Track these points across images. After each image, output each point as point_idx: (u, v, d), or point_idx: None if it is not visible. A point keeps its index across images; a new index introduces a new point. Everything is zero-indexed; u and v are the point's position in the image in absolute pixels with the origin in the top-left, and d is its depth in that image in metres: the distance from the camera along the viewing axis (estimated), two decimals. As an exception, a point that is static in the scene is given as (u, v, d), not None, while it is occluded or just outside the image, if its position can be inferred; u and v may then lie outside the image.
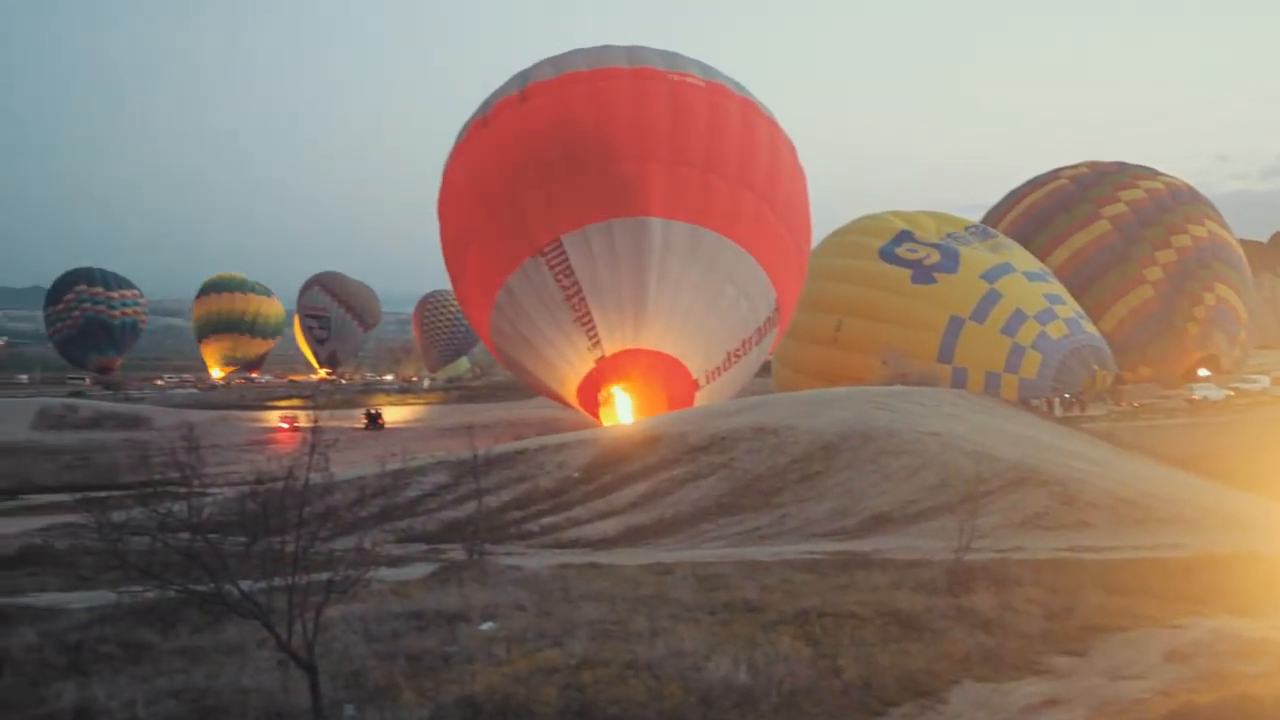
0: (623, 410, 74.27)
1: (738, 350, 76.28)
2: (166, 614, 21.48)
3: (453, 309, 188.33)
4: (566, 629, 20.36)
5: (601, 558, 34.19)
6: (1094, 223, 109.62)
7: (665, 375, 74.41)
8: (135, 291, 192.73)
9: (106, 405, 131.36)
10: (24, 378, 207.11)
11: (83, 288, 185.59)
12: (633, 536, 42.02)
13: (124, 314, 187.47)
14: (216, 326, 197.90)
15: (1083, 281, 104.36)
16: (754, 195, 75.03)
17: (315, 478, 17.44)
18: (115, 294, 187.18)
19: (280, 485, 17.56)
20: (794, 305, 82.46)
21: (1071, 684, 17.48)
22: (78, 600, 26.30)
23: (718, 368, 75.58)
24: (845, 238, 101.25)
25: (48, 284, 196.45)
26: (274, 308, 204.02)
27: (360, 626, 20.94)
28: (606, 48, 79.56)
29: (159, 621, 21.55)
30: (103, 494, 50.38)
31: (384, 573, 27.23)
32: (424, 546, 41.18)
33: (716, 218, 73.70)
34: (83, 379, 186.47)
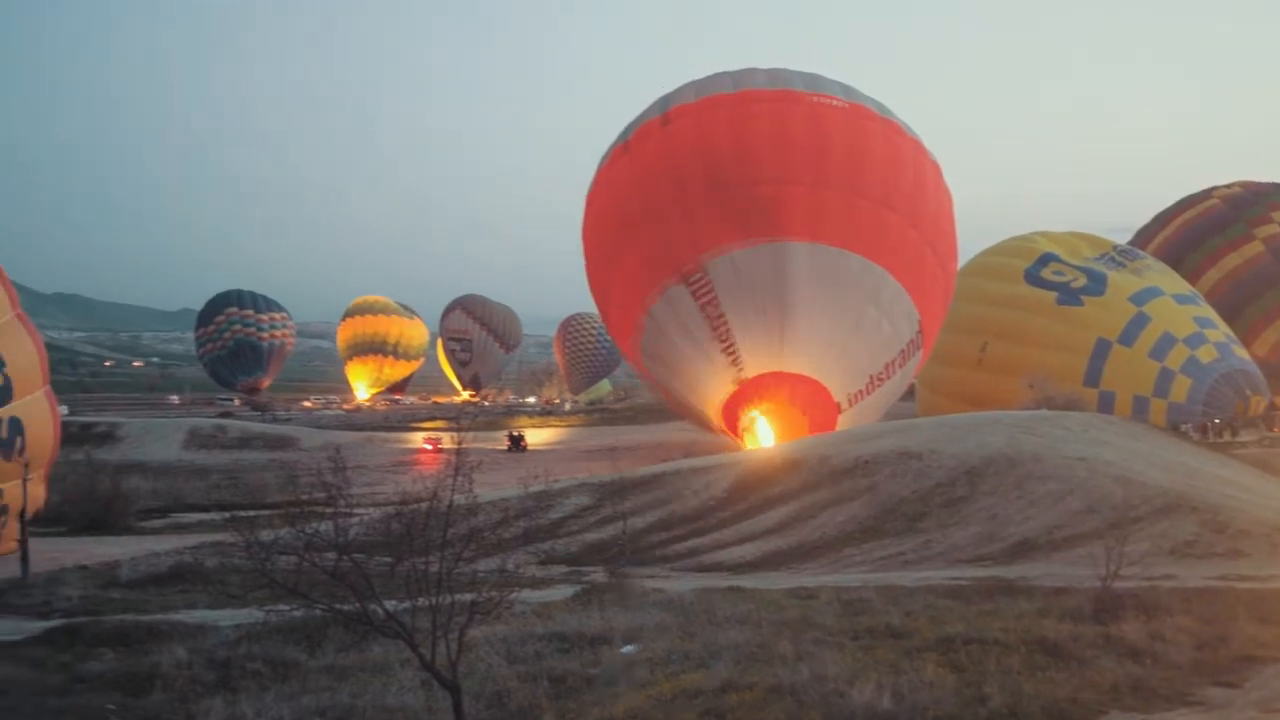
0: (764, 433, 73.99)
1: (880, 373, 75.62)
2: (313, 633, 21.76)
3: (594, 332, 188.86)
4: (710, 652, 20.28)
5: (744, 581, 34.06)
6: (1247, 244, 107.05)
7: (807, 398, 74.01)
8: (284, 314, 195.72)
9: (255, 426, 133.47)
10: (175, 398, 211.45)
11: (233, 310, 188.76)
12: (775, 560, 41.80)
13: (272, 336, 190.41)
14: (361, 349, 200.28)
15: (1235, 304, 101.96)
16: (897, 216, 74.42)
17: (459, 499, 17.54)
18: (265, 316, 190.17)
19: (425, 506, 17.71)
20: (939, 328, 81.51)
21: (1225, 716, 17.05)
22: (226, 618, 26.75)
23: (860, 391, 74.98)
24: (990, 259, 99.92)
25: (198, 306, 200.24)
26: (417, 330, 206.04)
27: (503, 647, 21.03)
28: (749, 70, 79.47)
29: (306, 640, 21.83)
30: (251, 513, 51.19)
31: (526, 594, 27.34)
32: (566, 568, 41.33)
33: (859, 240, 73.21)
34: (232, 400, 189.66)
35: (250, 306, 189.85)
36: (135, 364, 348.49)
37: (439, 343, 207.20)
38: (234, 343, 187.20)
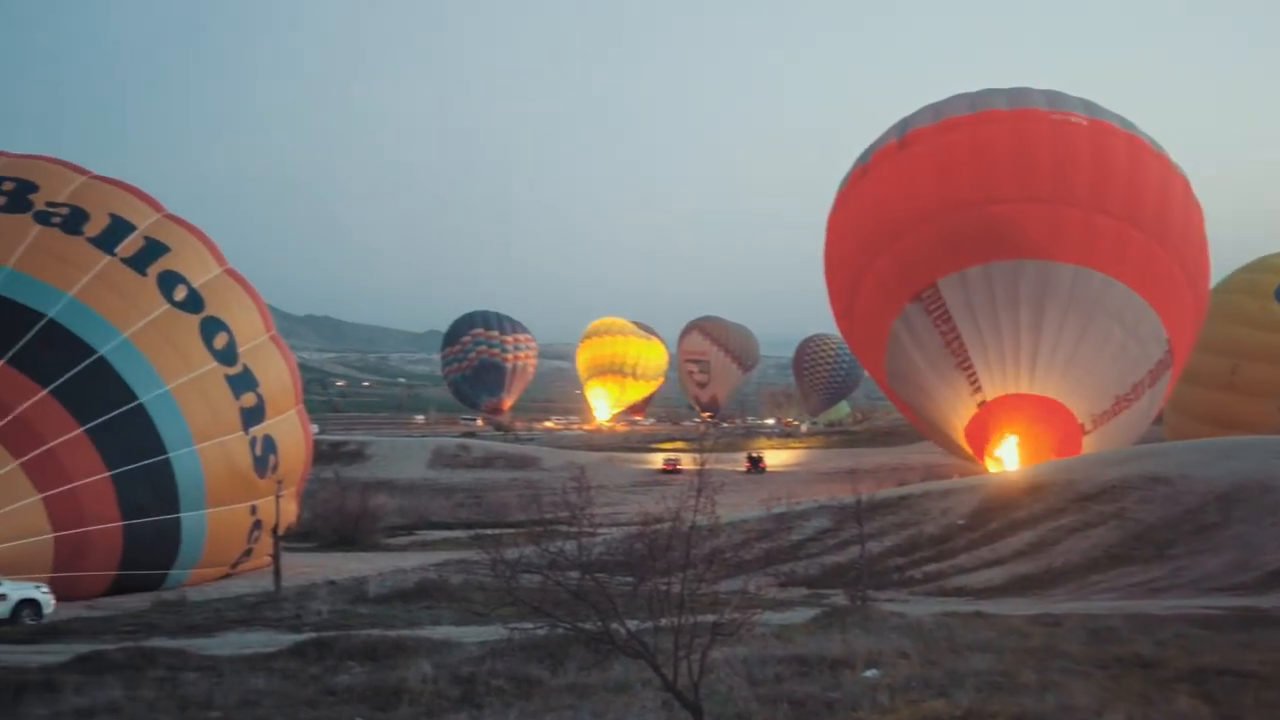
0: (1008, 456, 72.65)
1: (1128, 394, 73.53)
2: (555, 651, 21.91)
3: (833, 353, 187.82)
4: (952, 679, 19.87)
5: (987, 607, 33.42)
6: None
7: (1049, 420, 72.46)
8: (528, 336, 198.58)
9: (498, 446, 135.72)
10: (420, 418, 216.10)
11: (479, 331, 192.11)
12: (1018, 586, 40.99)
13: (516, 358, 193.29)
14: (600, 370, 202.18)
15: None
16: (1143, 234, 72.34)
17: (701, 520, 17.49)
18: (509, 338, 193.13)
19: (667, 527, 17.70)
20: (1190, 347, 78.82)
21: None
22: (471, 634, 27.15)
23: (1105, 412, 73.04)
24: (1243, 276, 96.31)
25: (444, 328, 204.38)
26: (655, 351, 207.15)
27: (743, 669, 20.89)
28: (987, 91, 78.21)
29: (548, 658, 22.00)
30: (494, 531, 52.06)
31: (767, 616, 27.17)
32: (806, 591, 41.09)
33: (1102, 257, 71.41)
34: (475, 420, 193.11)
35: (495, 328, 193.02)
36: (364, 384, 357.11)
37: (678, 364, 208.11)
38: (478, 363, 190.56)
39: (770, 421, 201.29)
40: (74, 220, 48.10)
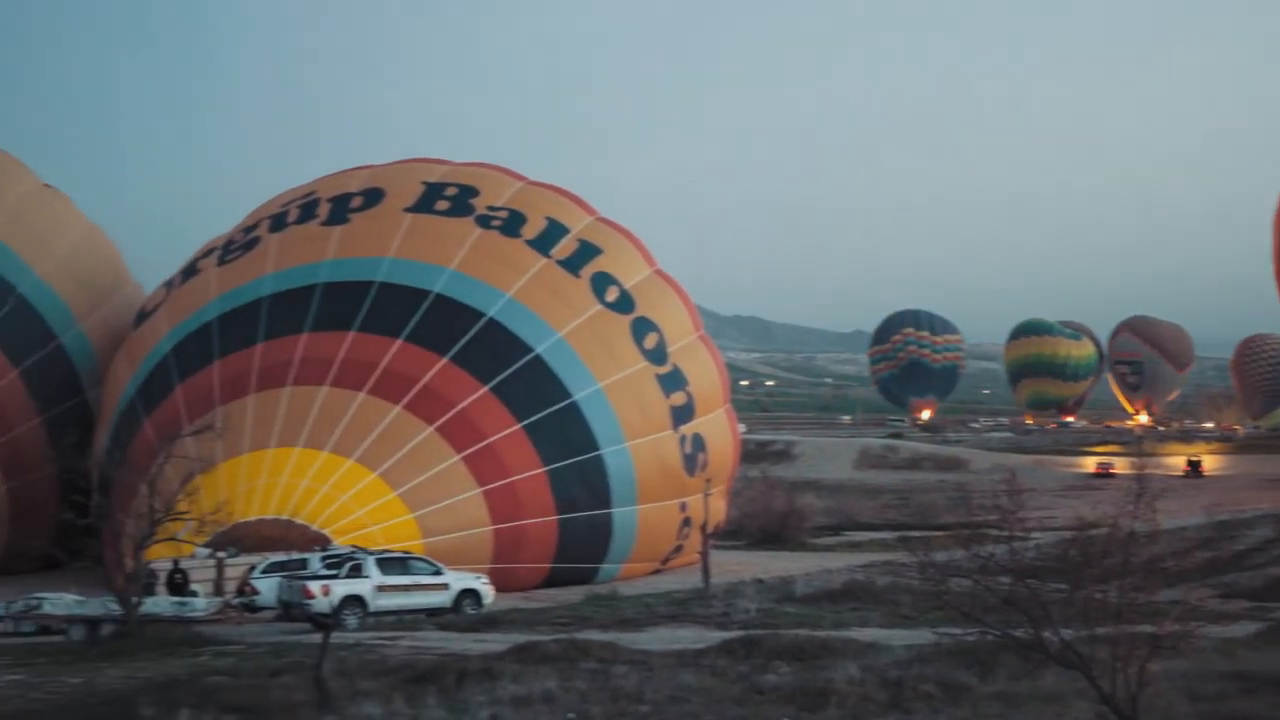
0: None
1: None
2: (985, 657, 21.38)
3: (1274, 353, 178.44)
4: None
5: None
6: None
7: None
8: (958, 336, 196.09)
9: (925, 447, 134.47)
10: (846, 419, 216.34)
11: (909, 330, 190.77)
12: None
13: (945, 358, 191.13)
14: (1028, 370, 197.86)
15: None
16: None
17: (1139, 526, 16.75)
18: (939, 338, 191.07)
19: (1103, 532, 17.01)
20: None
21: None
22: (898, 638, 26.81)
23: None
24: None
25: (870, 328, 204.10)
26: (1085, 351, 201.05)
27: (1183, 685, 19.91)
28: None
29: (977, 664, 21.48)
30: (922, 534, 51.40)
31: (1208, 629, 25.88)
32: (1248, 603, 39.01)
33: None
34: (902, 420, 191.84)
35: (926, 327, 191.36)
36: (768, 383, 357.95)
37: (1109, 364, 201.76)
38: (907, 363, 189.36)
39: (1209, 425, 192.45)
40: (513, 223, 50.01)
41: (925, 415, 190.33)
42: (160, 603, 35.03)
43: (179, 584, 36.87)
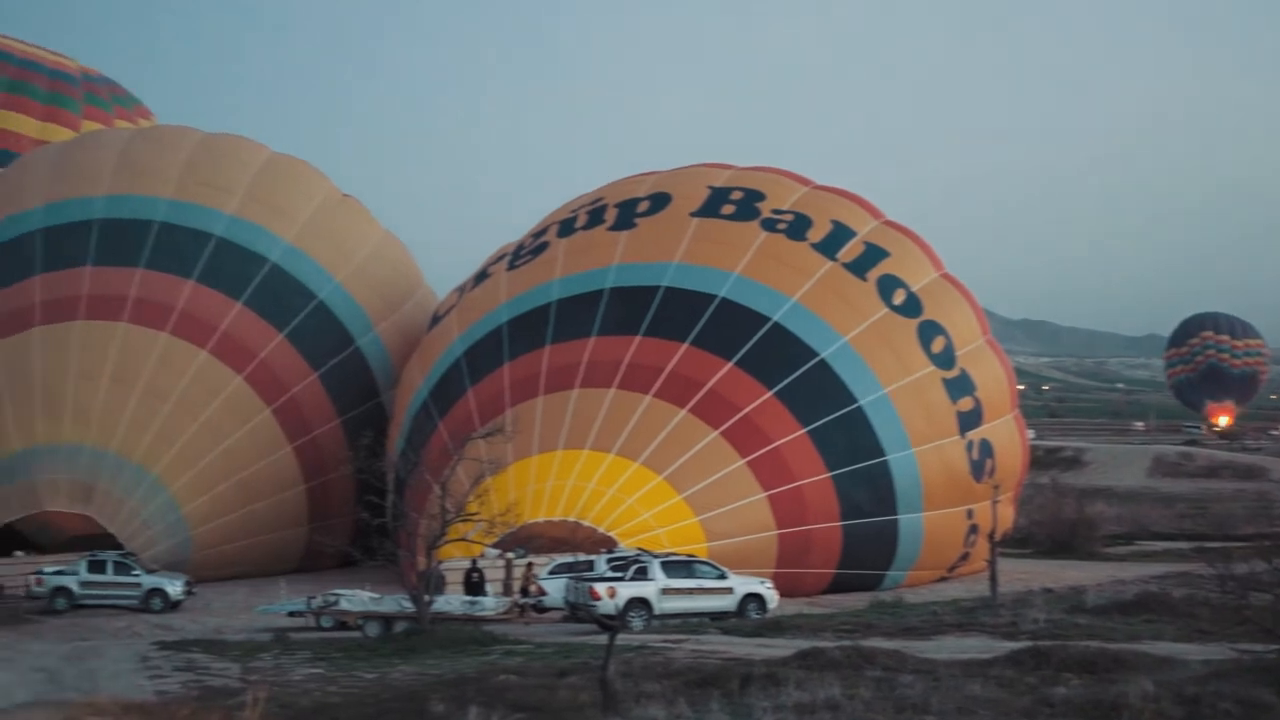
0: None
1: None
2: (1288, 675, 20.56)
3: None
4: None
5: None
6: None
7: None
8: (1259, 341, 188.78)
9: (1222, 454, 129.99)
10: (1139, 425, 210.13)
11: (1208, 334, 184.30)
12: None
13: (1245, 363, 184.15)
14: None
15: None
16: None
17: None
18: (1240, 342, 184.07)
19: None
20: None
21: None
22: (1194, 653, 25.93)
23: None
24: None
25: (1164, 331, 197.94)
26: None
27: None
28: None
29: (1278, 683, 20.67)
30: (1220, 545, 49.65)
31: None
32: None
33: None
34: (1198, 427, 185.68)
35: (1226, 331, 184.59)
36: (1044, 388, 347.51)
37: None
38: (1204, 367, 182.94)
39: None
40: (798, 227, 50.06)
41: (1223, 421, 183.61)
42: (451, 601, 36.08)
43: (475, 583, 37.92)
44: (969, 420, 48.37)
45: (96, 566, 43.78)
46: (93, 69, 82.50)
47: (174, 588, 43.92)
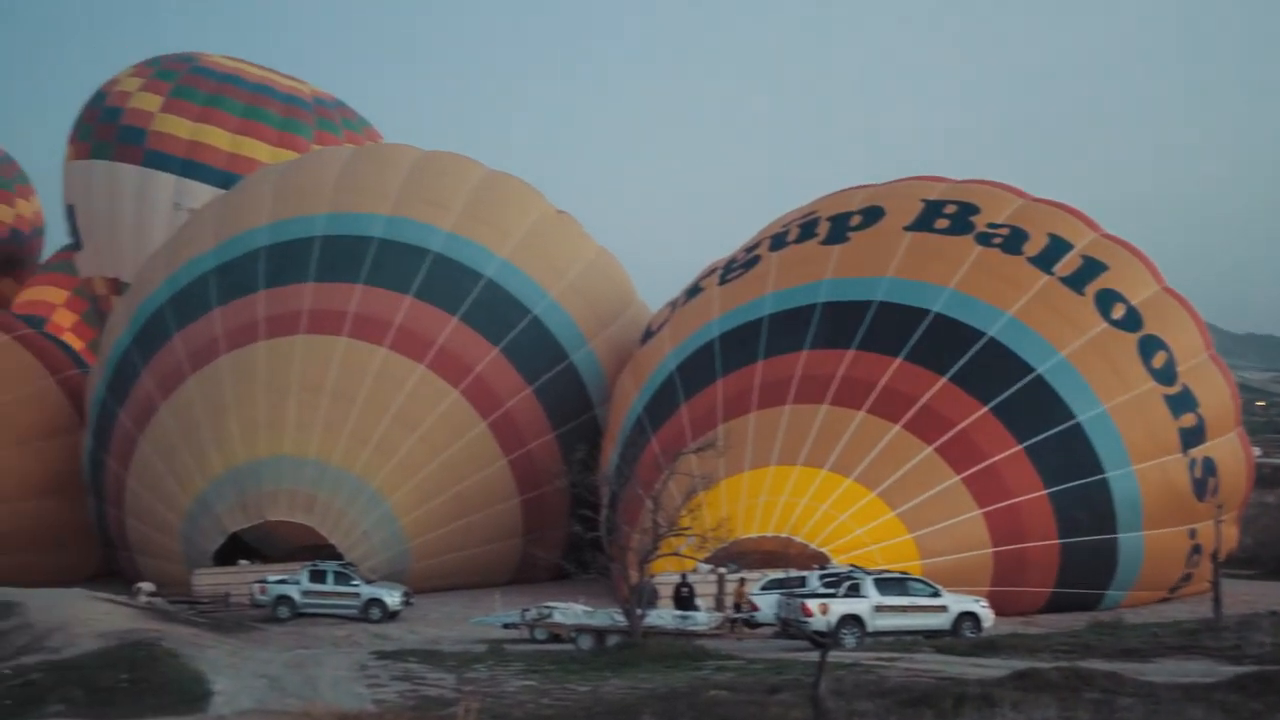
0: None
1: None
2: None
3: None
4: None
5: None
6: None
7: None
8: None
9: None
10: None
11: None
12: None
13: None
14: None
15: None
16: None
17: None
18: None
19: None
20: None
21: None
22: None
23: None
24: None
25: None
26: None
27: None
28: None
29: None
30: None
31: None
32: None
33: None
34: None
35: None
36: (1257, 403, 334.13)
37: None
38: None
39: None
40: (1013, 241, 49.35)
41: None
42: (663, 615, 36.33)
43: (685, 598, 38.10)
44: (1191, 437, 47.18)
45: (317, 576, 45.16)
46: (325, 92, 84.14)
47: (392, 598, 45.02)
